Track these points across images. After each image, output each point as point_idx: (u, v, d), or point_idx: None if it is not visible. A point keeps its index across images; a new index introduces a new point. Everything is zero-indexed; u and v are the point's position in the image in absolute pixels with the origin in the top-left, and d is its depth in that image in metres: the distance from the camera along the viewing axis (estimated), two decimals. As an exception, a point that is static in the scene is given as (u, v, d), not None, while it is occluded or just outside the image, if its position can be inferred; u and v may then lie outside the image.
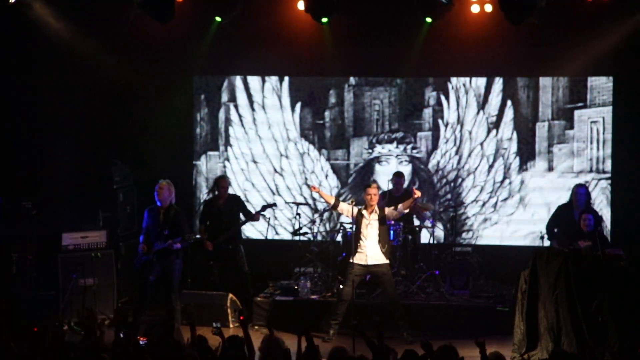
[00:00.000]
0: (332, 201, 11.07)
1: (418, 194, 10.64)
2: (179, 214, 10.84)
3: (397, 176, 12.60)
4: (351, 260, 10.78)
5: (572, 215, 11.45)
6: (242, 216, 12.14)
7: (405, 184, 12.95)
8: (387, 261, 10.84)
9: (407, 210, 11.00)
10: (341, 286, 11.07)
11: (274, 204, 12.45)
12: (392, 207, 10.90)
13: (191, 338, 7.63)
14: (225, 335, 7.63)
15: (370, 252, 10.75)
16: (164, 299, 10.79)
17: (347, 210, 10.88)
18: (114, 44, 12.55)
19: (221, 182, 12.15)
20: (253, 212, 12.13)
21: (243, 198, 12.81)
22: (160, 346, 7.16)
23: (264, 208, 12.11)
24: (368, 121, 13.59)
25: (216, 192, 12.14)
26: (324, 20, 11.77)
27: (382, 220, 10.82)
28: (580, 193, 11.57)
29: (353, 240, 10.83)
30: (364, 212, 10.82)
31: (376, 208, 10.83)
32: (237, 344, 7.26)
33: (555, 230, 11.58)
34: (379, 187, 11.02)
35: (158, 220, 10.74)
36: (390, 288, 10.85)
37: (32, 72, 12.45)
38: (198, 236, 11.39)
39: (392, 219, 11.07)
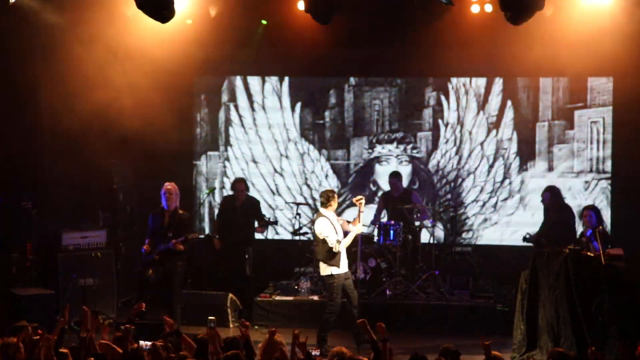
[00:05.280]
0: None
1: (359, 200, 10.25)
2: (183, 217, 10.89)
3: (394, 177, 12.61)
4: (333, 273, 10.28)
5: (548, 214, 11.81)
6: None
7: (405, 184, 12.97)
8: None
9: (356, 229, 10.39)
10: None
11: (275, 222, 12.85)
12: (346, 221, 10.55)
13: (182, 342, 7.61)
14: (225, 336, 7.62)
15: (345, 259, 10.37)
16: (164, 301, 10.79)
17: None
18: (114, 44, 12.54)
19: (236, 185, 12.38)
20: (264, 219, 12.36)
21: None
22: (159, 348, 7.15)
23: (265, 224, 12.26)
24: (368, 121, 13.59)
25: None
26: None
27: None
28: (544, 198, 11.88)
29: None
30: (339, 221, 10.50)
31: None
32: (235, 345, 7.25)
33: None
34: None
35: (162, 223, 10.75)
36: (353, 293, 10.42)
37: (32, 71, 12.44)
38: (202, 236, 11.43)
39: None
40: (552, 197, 11.77)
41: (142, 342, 7.28)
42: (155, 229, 10.85)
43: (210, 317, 7.74)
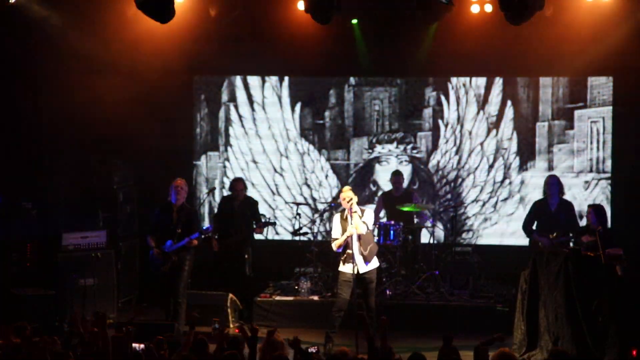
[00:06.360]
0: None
1: (348, 202, 10.01)
2: (191, 212, 10.91)
3: (396, 175, 12.60)
4: (339, 269, 10.31)
5: (547, 207, 11.66)
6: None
7: (405, 184, 12.97)
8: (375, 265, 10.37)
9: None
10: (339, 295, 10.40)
11: (274, 224, 12.74)
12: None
13: (187, 340, 7.61)
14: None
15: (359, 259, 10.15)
16: (171, 295, 10.76)
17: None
18: (114, 43, 12.54)
19: (234, 184, 12.35)
20: (262, 220, 12.30)
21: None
22: (157, 347, 7.14)
23: (263, 225, 12.24)
24: (368, 121, 13.59)
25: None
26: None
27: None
28: (552, 183, 11.69)
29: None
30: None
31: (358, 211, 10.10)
32: (235, 345, 7.25)
33: (534, 227, 11.73)
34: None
35: (171, 218, 10.73)
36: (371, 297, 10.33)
37: (32, 71, 12.45)
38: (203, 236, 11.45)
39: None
40: (559, 185, 11.74)
41: (134, 345, 7.26)
42: (161, 224, 10.82)
43: (214, 319, 7.74)
